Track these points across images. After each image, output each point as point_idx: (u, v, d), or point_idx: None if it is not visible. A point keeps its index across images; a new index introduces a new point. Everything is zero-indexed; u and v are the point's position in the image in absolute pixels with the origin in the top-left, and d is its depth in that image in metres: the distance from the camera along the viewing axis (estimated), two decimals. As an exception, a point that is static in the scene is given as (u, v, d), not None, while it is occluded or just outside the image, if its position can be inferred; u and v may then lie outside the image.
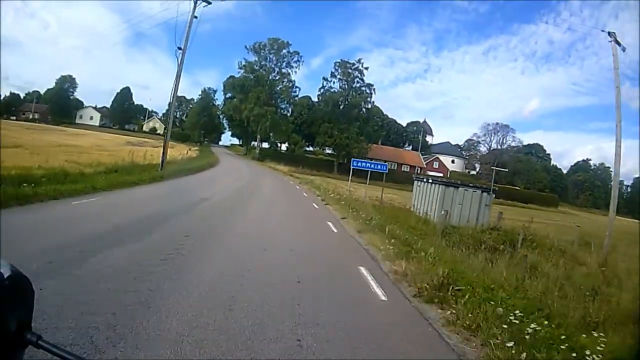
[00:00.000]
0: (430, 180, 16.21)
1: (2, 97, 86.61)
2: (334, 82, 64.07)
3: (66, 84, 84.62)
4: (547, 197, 67.80)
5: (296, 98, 62.74)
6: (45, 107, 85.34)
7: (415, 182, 18.05)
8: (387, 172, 19.46)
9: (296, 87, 61.99)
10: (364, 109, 64.88)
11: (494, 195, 15.81)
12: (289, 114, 63.47)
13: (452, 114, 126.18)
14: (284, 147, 72.75)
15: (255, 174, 35.17)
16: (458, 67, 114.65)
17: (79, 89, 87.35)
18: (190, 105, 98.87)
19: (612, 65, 15.28)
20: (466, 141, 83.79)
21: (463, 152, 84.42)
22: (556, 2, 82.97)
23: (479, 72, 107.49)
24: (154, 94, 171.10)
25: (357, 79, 64.98)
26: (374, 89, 65.96)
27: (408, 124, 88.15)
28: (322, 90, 63.48)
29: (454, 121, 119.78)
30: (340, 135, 59.85)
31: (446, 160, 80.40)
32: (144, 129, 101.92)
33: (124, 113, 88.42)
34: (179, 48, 22.95)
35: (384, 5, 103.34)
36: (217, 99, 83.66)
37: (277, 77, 61.38)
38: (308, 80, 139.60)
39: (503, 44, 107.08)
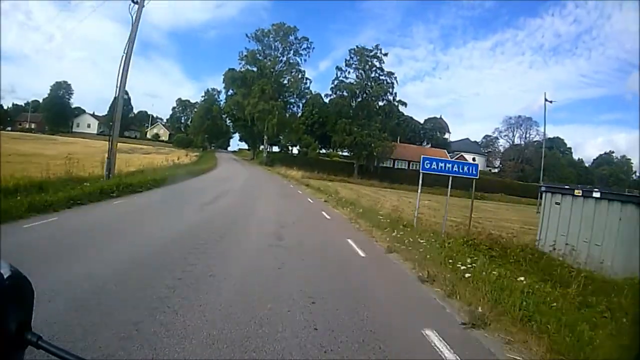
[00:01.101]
0: (596, 195, 7.79)
1: (5, 109, 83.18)
2: (349, 72, 56.12)
3: (61, 90, 78.74)
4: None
5: (307, 91, 54.58)
6: (41, 117, 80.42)
7: (548, 195, 9.45)
8: (477, 176, 10.96)
9: (307, 78, 53.87)
10: (385, 102, 56.72)
11: None
12: (299, 111, 55.77)
13: (462, 111, 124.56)
14: (295, 150, 67.01)
15: (256, 184, 27.48)
16: (466, 64, 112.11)
17: (82, 97, 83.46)
18: (195, 109, 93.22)
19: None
20: (484, 137, 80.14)
21: (481, 148, 79.63)
22: None
23: (487, 67, 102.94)
24: (163, 102, 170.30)
25: (376, 68, 56.98)
26: (395, 79, 57.77)
27: (425, 121, 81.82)
28: (335, 82, 55.49)
29: (464, 118, 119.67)
30: (360, 132, 51.72)
31: (468, 158, 72.41)
32: (148, 135, 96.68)
33: (122, 119, 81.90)
34: (134, 2, 15.37)
35: (389, 5, 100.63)
36: (221, 100, 77.00)
37: (284, 68, 53.57)
38: (316, 82, 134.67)
39: (510, 39, 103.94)
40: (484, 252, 8.13)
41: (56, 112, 77.48)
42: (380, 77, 56.93)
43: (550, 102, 40.68)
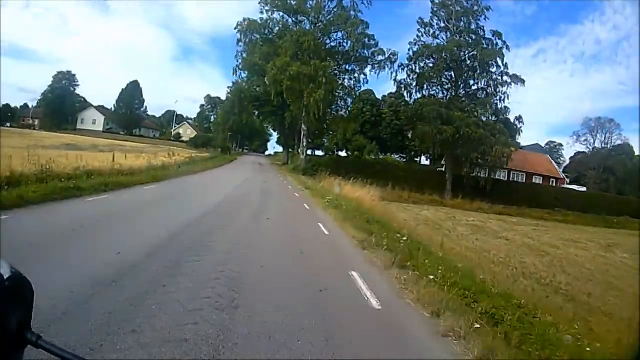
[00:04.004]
0: None
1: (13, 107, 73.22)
2: (435, 33, 36.08)
3: (63, 81, 65.40)
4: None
5: (376, 58, 34.34)
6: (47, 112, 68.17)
7: None
8: None
9: (370, 36, 33.75)
10: (487, 78, 36.17)
11: None
12: (360, 86, 35.87)
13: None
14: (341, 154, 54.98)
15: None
16: (509, 72, 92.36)
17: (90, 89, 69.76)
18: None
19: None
20: (548, 143, 77.12)
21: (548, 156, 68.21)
22: (599, 2, 75.33)
23: (530, 75, 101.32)
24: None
25: (473, 29, 36.80)
26: (506, 44, 37.05)
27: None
28: (415, 47, 35.58)
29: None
30: (467, 119, 31.80)
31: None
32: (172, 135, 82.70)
33: (131, 114, 67.37)
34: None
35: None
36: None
37: (332, 18, 33.29)
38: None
39: (552, 46, 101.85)
40: None
41: (57, 106, 64.18)
42: (481, 40, 36.64)
43: None
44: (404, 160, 62.63)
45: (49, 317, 3.04)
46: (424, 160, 64.74)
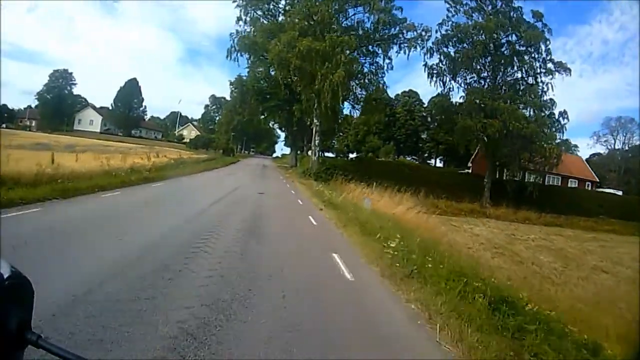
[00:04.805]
0: None
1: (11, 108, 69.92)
2: (469, 12, 30.52)
3: (60, 80, 61.30)
4: None
5: (405, 35, 27.94)
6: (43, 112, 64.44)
7: None
8: None
9: (399, 10, 27.40)
10: (534, 65, 30.53)
11: None
12: (386, 72, 29.43)
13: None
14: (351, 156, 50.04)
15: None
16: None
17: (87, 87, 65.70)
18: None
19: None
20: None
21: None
22: (607, 2, 70.46)
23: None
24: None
25: (511, 7, 31.20)
26: (547, 28, 31.38)
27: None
28: (446, 26, 30.09)
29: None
30: (514, 111, 26.44)
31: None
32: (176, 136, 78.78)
33: (129, 114, 62.98)
34: None
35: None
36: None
37: None
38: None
39: (560, 47, 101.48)
40: None
41: (53, 106, 60.14)
42: (517, 20, 31.05)
43: None
44: (417, 162, 58.81)
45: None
46: (438, 162, 61.22)
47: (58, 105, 60.78)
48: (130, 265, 4.54)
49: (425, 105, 62.03)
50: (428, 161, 61.65)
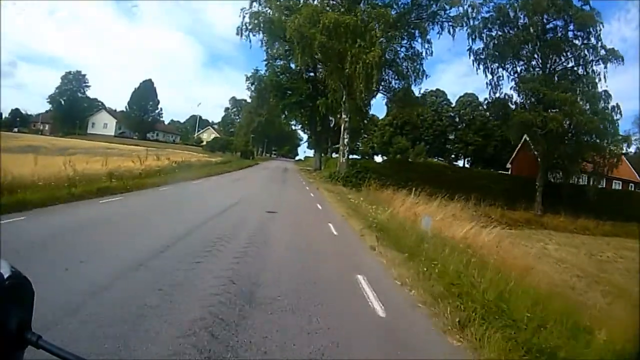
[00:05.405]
0: None
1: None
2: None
3: (72, 82, 59.66)
4: None
5: (449, 11, 23.55)
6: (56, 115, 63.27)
7: None
8: None
9: None
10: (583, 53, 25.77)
11: None
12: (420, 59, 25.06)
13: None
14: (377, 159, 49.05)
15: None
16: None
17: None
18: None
19: None
20: None
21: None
22: (624, 2, 61.24)
23: None
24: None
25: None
26: (597, 12, 26.46)
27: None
28: (486, 7, 25.51)
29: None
30: (577, 103, 21.91)
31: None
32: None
33: (144, 117, 60.63)
34: None
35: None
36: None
37: None
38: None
39: None
40: None
41: (66, 109, 58.52)
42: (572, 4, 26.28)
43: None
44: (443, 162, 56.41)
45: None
46: (465, 163, 58.83)
47: (71, 109, 59.30)
48: None
49: (453, 105, 59.17)
50: (454, 162, 59.59)
